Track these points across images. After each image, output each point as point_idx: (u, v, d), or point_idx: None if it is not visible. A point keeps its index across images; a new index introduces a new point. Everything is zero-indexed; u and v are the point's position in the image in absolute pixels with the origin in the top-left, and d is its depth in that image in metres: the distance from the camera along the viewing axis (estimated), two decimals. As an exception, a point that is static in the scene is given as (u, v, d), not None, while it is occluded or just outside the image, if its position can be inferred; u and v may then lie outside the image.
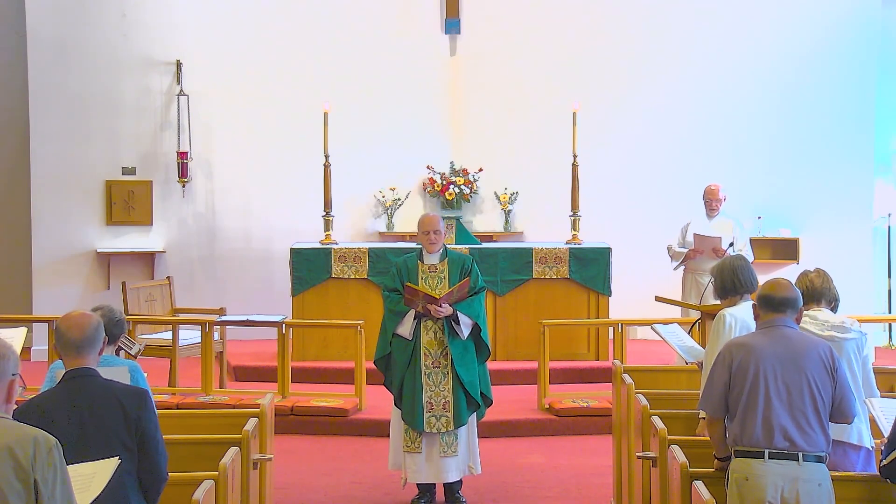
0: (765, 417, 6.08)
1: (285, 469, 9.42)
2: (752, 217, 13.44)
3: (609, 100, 14.04)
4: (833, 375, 6.18)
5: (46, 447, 4.28)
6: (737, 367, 6.17)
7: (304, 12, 14.18)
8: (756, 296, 6.39)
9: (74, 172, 14.16)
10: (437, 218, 9.12)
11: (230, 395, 11.33)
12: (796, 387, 6.11)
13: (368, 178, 14.21)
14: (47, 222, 14.17)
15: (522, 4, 14.24)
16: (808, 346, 6.22)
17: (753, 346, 6.20)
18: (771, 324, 6.26)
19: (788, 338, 6.22)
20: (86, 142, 14.16)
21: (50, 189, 14.16)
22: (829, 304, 7.08)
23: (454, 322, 8.78)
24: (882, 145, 14.41)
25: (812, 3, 14.11)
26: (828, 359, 6.19)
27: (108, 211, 14.27)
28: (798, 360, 6.15)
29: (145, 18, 14.16)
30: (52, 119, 14.11)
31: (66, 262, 14.20)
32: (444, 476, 8.95)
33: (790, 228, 14.00)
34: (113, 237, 14.27)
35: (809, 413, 6.11)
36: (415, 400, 8.82)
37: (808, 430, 6.10)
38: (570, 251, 12.78)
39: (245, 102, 14.24)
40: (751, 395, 6.11)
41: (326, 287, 12.75)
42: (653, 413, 7.44)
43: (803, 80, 14.15)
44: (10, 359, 4.43)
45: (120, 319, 6.85)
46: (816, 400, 6.14)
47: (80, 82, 14.12)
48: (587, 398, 11.35)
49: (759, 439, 6.07)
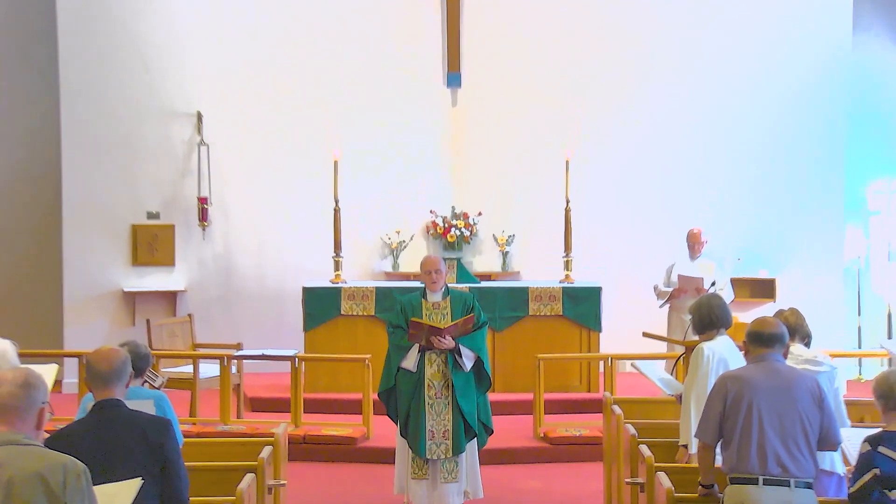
0: (759, 445, 6.12)
1: (298, 494, 9.41)
2: (732, 259, 13.46)
3: (599, 149, 14.09)
4: (820, 406, 6.24)
5: (75, 473, 4.29)
6: (732, 398, 6.21)
7: (315, 67, 14.27)
8: (746, 333, 6.43)
9: (102, 216, 14.21)
10: (439, 259, 9.15)
11: (247, 424, 11.32)
12: (788, 416, 6.15)
13: (375, 222, 14.23)
14: (77, 263, 14.19)
15: (519, 60, 14.31)
16: (797, 379, 6.28)
17: (747, 378, 6.24)
18: (762, 358, 6.31)
19: (779, 371, 6.27)
20: (113, 187, 14.21)
21: (80, 232, 14.19)
22: (803, 339, 7.19)
23: (457, 355, 8.76)
24: (852, 192, 14.46)
25: (785, 59, 14.19)
26: (815, 391, 6.27)
27: (134, 252, 14.28)
28: (789, 392, 6.20)
29: (168, 72, 14.24)
30: (83, 166, 14.18)
31: (95, 300, 14.21)
32: (446, 501, 8.97)
33: (768, 269, 14.03)
34: (138, 277, 14.26)
35: (800, 441, 6.15)
36: (419, 428, 8.81)
37: (799, 457, 6.14)
38: (563, 290, 12.81)
39: (260, 151, 14.29)
40: (745, 424, 6.15)
41: (336, 323, 12.77)
42: (640, 441, 7.48)
43: (779, 130, 14.22)
44: (39, 388, 4.46)
45: (146, 354, 6.91)
46: (806, 429, 6.18)
47: (108, 132, 14.19)
48: (579, 427, 11.36)
49: (754, 466, 6.12)
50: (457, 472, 8.89)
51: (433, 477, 8.87)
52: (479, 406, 8.95)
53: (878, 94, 14.69)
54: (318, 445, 11.13)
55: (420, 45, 14.31)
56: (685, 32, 14.23)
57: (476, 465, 9.04)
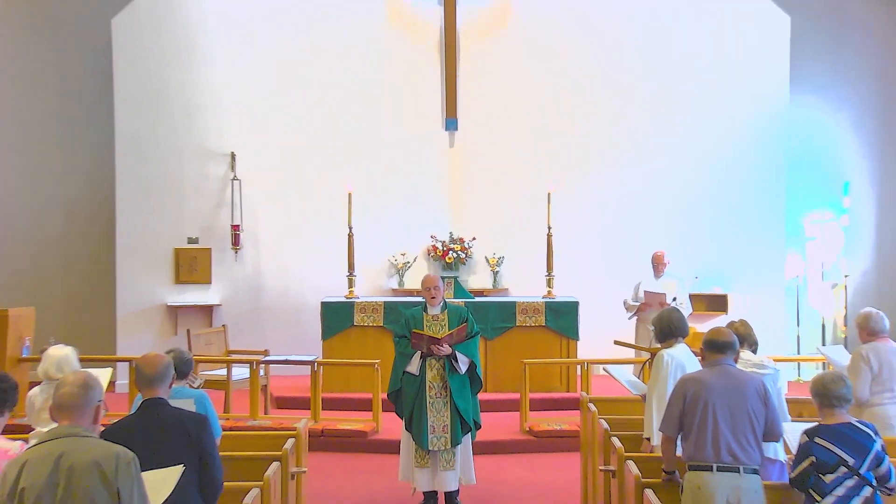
0: (714, 437, 6.11)
1: (317, 480, 9.40)
2: (690, 277, 13.45)
3: (577, 184, 14.13)
4: (766, 403, 6.24)
5: (126, 461, 4.30)
6: (690, 397, 6.22)
7: (332, 113, 14.31)
8: (702, 340, 6.42)
9: (149, 242, 14.23)
10: (437, 277, 9.13)
11: (272, 419, 11.28)
12: (738, 412, 6.15)
13: (383, 246, 14.24)
14: (128, 282, 14.23)
15: (507, 108, 14.36)
16: (746, 380, 6.28)
17: (703, 380, 6.25)
18: (716, 363, 6.32)
19: (730, 373, 6.28)
20: (159, 218, 14.25)
21: (130, 255, 14.24)
22: (751, 346, 7.20)
23: (454, 360, 8.77)
24: (791, 221, 14.56)
25: (737, 112, 14.29)
26: (761, 390, 6.27)
27: (176, 272, 14.30)
28: (739, 391, 6.20)
29: (206, 119, 14.30)
30: (133, 200, 14.24)
31: (143, 313, 14.22)
32: (445, 486, 8.93)
33: (721, 286, 14.05)
34: (179, 293, 14.28)
35: (748, 433, 6.15)
36: (421, 424, 8.80)
37: (748, 447, 6.14)
38: (546, 304, 12.81)
39: (285, 186, 14.33)
40: (702, 419, 6.15)
41: (349, 333, 12.75)
42: (612, 434, 7.49)
43: (731, 170, 14.31)
44: (96, 388, 4.49)
45: (188, 359, 6.92)
46: (753, 423, 6.18)
47: (155, 171, 14.25)
48: (560, 422, 11.32)
49: (709, 455, 6.11)
50: (454, 462, 8.86)
51: (433, 465, 8.85)
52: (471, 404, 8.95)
53: (813, 140, 14.83)
54: (334, 438, 11.11)
55: (421, 95, 14.33)
56: (652, 90, 14.30)
57: (470, 456, 9.01)
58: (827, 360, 9.37)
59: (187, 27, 14.25)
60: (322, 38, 14.27)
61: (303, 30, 14.27)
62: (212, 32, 14.27)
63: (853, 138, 14.91)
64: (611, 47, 14.29)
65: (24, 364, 11.58)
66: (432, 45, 14.36)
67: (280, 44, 14.28)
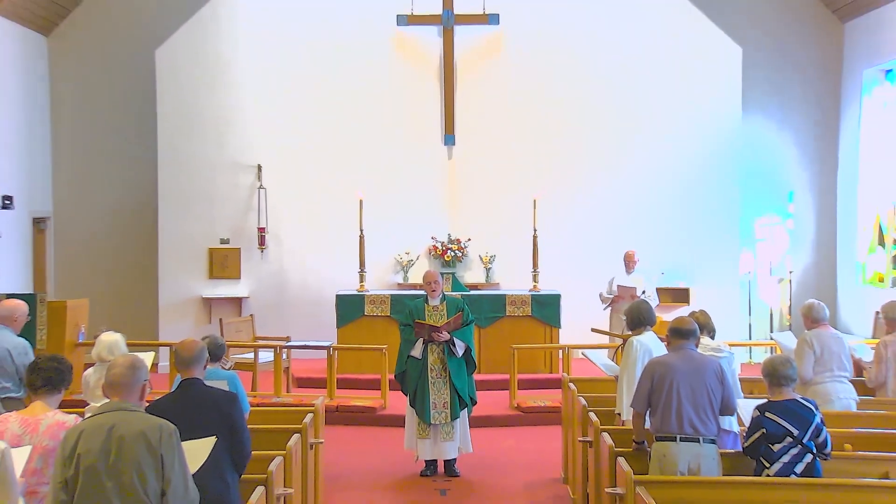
0: (677, 412, 6.12)
1: (332, 449, 9.42)
2: (657, 273, 13.44)
3: (560, 192, 14.10)
4: (722, 382, 6.25)
5: (168, 432, 4.31)
6: (657, 377, 6.22)
7: (346, 130, 14.30)
8: (667, 328, 6.43)
9: (187, 243, 14.22)
10: (436, 273, 9.15)
11: (293, 397, 11.30)
12: (698, 390, 6.16)
13: (390, 245, 14.22)
14: (169, 277, 14.22)
15: (498, 125, 14.35)
16: (705, 362, 6.29)
17: (668, 363, 6.27)
18: (679, 347, 6.33)
19: (692, 357, 6.28)
20: (195, 221, 14.23)
21: (170, 254, 14.23)
22: (710, 333, 7.20)
23: (451, 345, 8.77)
24: (745, 225, 14.56)
25: (698, 130, 14.26)
26: (718, 371, 6.27)
27: (210, 269, 14.29)
28: (699, 372, 6.20)
29: (236, 135, 14.30)
30: (172, 206, 14.23)
31: (182, 304, 14.22)
32: (445, 454, 8.96)
33: (684, 281, 14.03)
34: (213, 287, 14.26)
35: (707, 408, 6.16)
36: (424, 401, 8.82)
37: (706, 420, 6.14)
38: (531, 296, 12.79)
39: (304, 193, 14.32)
40: (667, 396, 6.16)
41: (361, 322, 12.72)
42: (589, 410, 7.49)
43: (692, 180, 14.28)
44: (142, 369, 4.50)
45: (221, 344, 6.91)
46: (711, 399, 6.18)
47: (192, 180, 14.25)
48: (544, 399, 11.35)
49: (673, 427, 6.12)
50: (453, 433, 8.88)
51: (434, 437, 8.87)
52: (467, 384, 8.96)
53: (762, 154, 14.88)
54: (347, 413, 11.13)
55: (423, 114, 14.33)
56: (625, 111, 14.29)
57: (467, 428, 9.03)
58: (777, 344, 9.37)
59: (220, 57, 14.24)
60: (337, 66, 14.26)
61: (321, 58, 14.26)
62: (241, 61, 14.26)
63: (796, 153, 15.02)
64: (589, 74, 14.28)
65: (80, 348, 11.60)
66: (433, 71, 14.35)
67: (301, 70, 14.27)
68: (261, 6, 14.24)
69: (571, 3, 14.23)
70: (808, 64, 14.98)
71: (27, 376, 5.28)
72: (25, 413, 5.16)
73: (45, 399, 5.18)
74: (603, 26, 14.24)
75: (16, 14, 13.51)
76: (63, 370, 5.29)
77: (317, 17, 14.23)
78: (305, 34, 14.23)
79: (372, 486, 8.82)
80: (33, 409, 5.15)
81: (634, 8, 14.24)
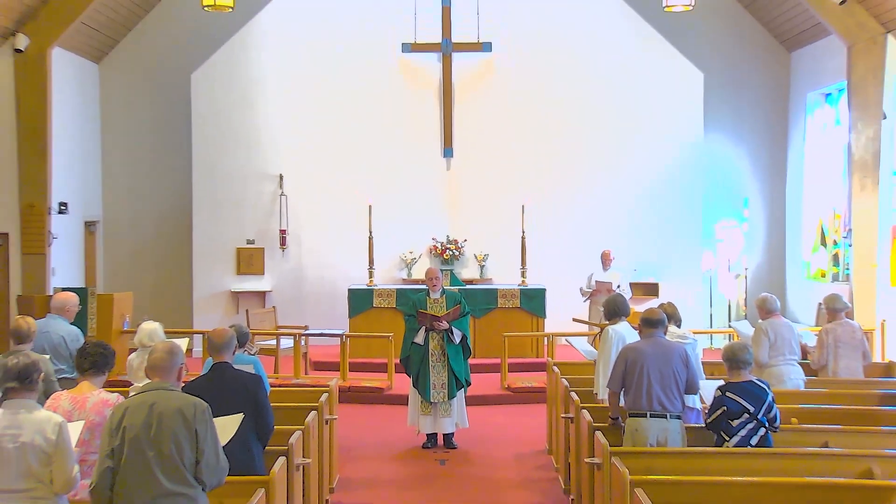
0: (647, 391, 6.12)
1: (345, 424, 9.38)
2: (631, 270, 13.42)
3: (545, 199, 14.02)
4: (687, 365, 6.25)
5: (202, 409, 4.32)
6: (630, 361, 6.23)
7: (357, 144, 14.24)
8: (639, 318, 6.42)
9: (218, 243, 14.17)
10: (437, 270, 9.19)
11: (311, 379, 11.22)
12: (665, 372, 6.16)
13: (395, 245, 14.16)
14: (202, 273, 14.16)
15: (491, 139, 14.29)
16: (672, 348, 6.30)
17: (640, 348, 6.27)
18: (650, 335, 6.34)
19: (661, 343, 6.29)
20: (225, 224, 14.18)
21: (203, 253, 14.17)
22: (676, 322, 7.20)
23: (450, 333, 8.75)
24: (706, 228, 14.49)
25: (666, 146, 14.20)
26: (683, 355, 6.28)
27: (238, 266, 14.23)
28: (666, 357, 6.21)
29: (261, 148, 14.26)
30: (206, 211, 14.19)
31: (213, 297, 14.16)
32: (443, 429, 8.97)
33: (654, 277, 14.00)
34: (240, 282, 14.21)
35: (673, 388, 6.16)
36: (426, 382, 8.81)
37: (673, 398, 6.14)
38: (520, 290, 12.76)
39: (320, 199, 14.25)
40: (638, 378, 6.16)
41: (370, 313, 12.66)
42: (571, 390, 7.50)
43: (661, 189, 14.22)
44: (179, 354, 4.50)
45: (246, 332, 6.91)
46: (677, 380, 6.18)
47: (222, 188, 14.20)
48: (531, 381, 11.33)
49: (643, 405, 6.12)
50: (450, 410, 8.88)
51: (434, 413, 8.87)
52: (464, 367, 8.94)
53: (721, 166, 14.84)
54: (358, 393, 11.12)
55: (425, 130, 14.27)
56: (603, 128, 14.24)
57: (463, 406, 9.03)
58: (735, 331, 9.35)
59: (248, 80, 14.19)
60: (350, 88, 14.20)
61: (336, 82, 14.21)
62: (267, 84, 14.22)
63: (750, 165, 15.00)
64: (570, 96, 14.22)
65: (125, 335, 11.57)
66: (433, 92, 14.31)
67: (318, 91, 14.21)
68: (284, 36, 14.19)
69: (554, 34, 14.18)
70: (760, 88, 14.98)
71: (76, 359, 5.32)
72: (74, 391, 5.20)
73: (91, 379, 5.22)
74: (582, 55, 14.20)
75: (73, 45, 13.53)
76: (107, 355, 5.30)
77: (333, 45, 14.19)
78: (323, 60, 14.18)
79: (379, 457, 8.81)
80: (81, 388, 5.19)
81: (610, 39, 14.20)
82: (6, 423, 4.30)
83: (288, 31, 14.19)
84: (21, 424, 4.29)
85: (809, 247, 14.49)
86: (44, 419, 4.34)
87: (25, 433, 4.27)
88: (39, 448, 4.27)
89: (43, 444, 4.28)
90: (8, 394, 4.39)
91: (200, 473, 4.21)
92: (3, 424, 4.30)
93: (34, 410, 4.37)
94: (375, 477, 8.16)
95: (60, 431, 4.32)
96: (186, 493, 4.17)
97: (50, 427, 4.31)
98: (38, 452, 4.27)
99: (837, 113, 13.74)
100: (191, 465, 4.19)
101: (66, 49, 13.39)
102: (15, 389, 4.37)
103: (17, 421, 4.30)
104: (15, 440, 4.26)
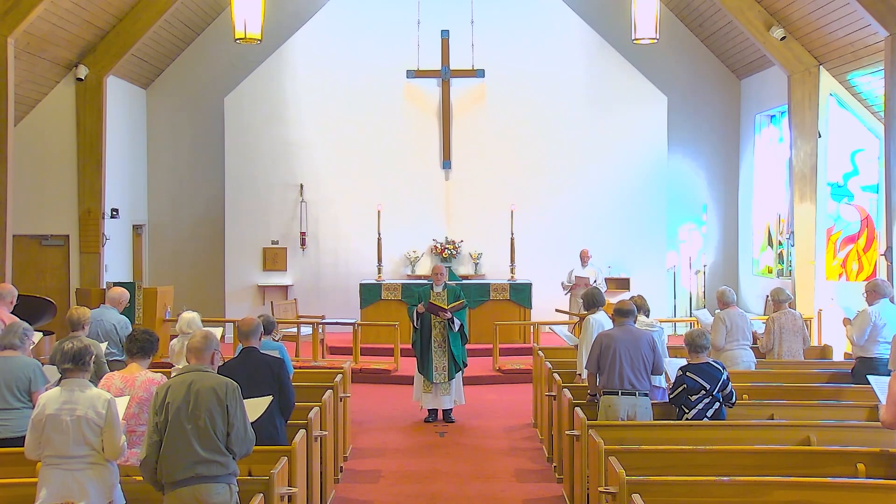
0: (619, 372, 6.12)
1: (357, 401, 9.42)
2: (606, 267, 13.39)
3: (532, 204, 13.97)
4: (654, 350, 6.29)
5: (233, 388, 4.32)
6: (605, 346, 6.23)
7: (366, 157, 14.17)
8: (613, 309, 6.42)
9: (247, 243, 14.11)
10: (443, 266, 9.23)
11: (327, 362, 11.28)
12: (635, 356, 6.17)
13: (401, 245, 14.08)
14: (233, 270, 14.10)
15: (485, 152, 14.22)
16: (642, 335, 6.30)
17: (613, 335, 6.28)
18: (622, 324, 6.35)
19: (631, 331, 6.29)
20: (253, 227, 14.12)
21: (234, 252, 14.11)
22: (645, 312, 7.21)
23: (451, 322, 8.76)
24: (671, 231, 14.45)
25: (637, 163, 14.10)
26: (651, 341, 6.27)
27: (264, 263, 14.16)
28: (636, 342, 6.21)
29: (285, 161, 14.21)
30: (236, 216, 14.11)
31: (243, 291, 14.11)
32: (443, 405, 8.98)
33: (625, 272, 13.95)
34: (266, 277, 14.16)
35: (641, 369, 6.16)
36: (429, 364, 8.79)
37: (641, 378, 6.15)
38: (509, 284, 12.77)
39: (336, 205, 14.19)
40: (612, 360, 6.16)
41: (378, 304, 12.67)
42: (554, 371, 7.51)
43: (632, 198, 14.10)
44: (213, 340, 4.51)
45: (272, 321, 6.88)
46: (646, 362, 6.18)
47: (251, 196, 14.13)
48: (519, 364, 11.31)
49: (616, 384, 6.12)
50: (450, 389, 8.90)
51: (435, 392, 8.88)
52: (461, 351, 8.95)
53: (682, 177, 14.80)
54: (369, 373, 11.11)
55: (426, 145, 14.21)
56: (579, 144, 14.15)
57: (461, 385, 9.05)
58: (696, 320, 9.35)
59: (274, 103, 14.13)
60: (362, 109, 14.14)
61: (350, 104, 14.15)
62: (290, 106, 14.15)
63: (707, 176, 14.97)
64: (552, 115, 14.15)
65: (167, 324, 11.56)
66: (433, 112, 14.26)
67: (334, 112, 14.15)
68: (305, 65, 14.14)
69: (538, 62, 14.14)
70: (715, 110, 14.98)
71: (126, 344, 5.34)
72: (125, 372, 5.23)
73: (139, 362, 5.24)
74: (562, 80, 14.14)
75: (124, 74, 13.66)
76: (152, 341, 5.31)
77: (347, 72, 14.14)
78: (338, 85, 14.13)
79: (387, 429, 8.81)
80: (130, 370, 5.22)
81: (587, 67, 14.15)
82: (64, 399, 4.35)
83: (308, 60, 14.15)
84: (76, 400, 4.33)
85: (758, 246, 14.53)
86: (95, 396, 4.38)
87: (80, 408, 4.32)
88: (92, 420, 4.31)
89: (95, 418, 4.32)
90: (65, 374, 4.44)
91: (231, 443, 4.21)
92: (61, 400, 4.35)
93: (87, 388, 4.40)
94: (383, 446, 8.16)
95: (109, 406, 4.36)
96: (219, 461, 4.18)
97: (100, 402, 4.35)
98: (90, 424, 4.31)
99: (781, 132, 13.83)
100: (223, 436, 4.19)
101: (119, 77, 13.47)
102: (70, 370, 4.41)
103: (73, 397, 4.34)
104: (72, 414, 4.31)
